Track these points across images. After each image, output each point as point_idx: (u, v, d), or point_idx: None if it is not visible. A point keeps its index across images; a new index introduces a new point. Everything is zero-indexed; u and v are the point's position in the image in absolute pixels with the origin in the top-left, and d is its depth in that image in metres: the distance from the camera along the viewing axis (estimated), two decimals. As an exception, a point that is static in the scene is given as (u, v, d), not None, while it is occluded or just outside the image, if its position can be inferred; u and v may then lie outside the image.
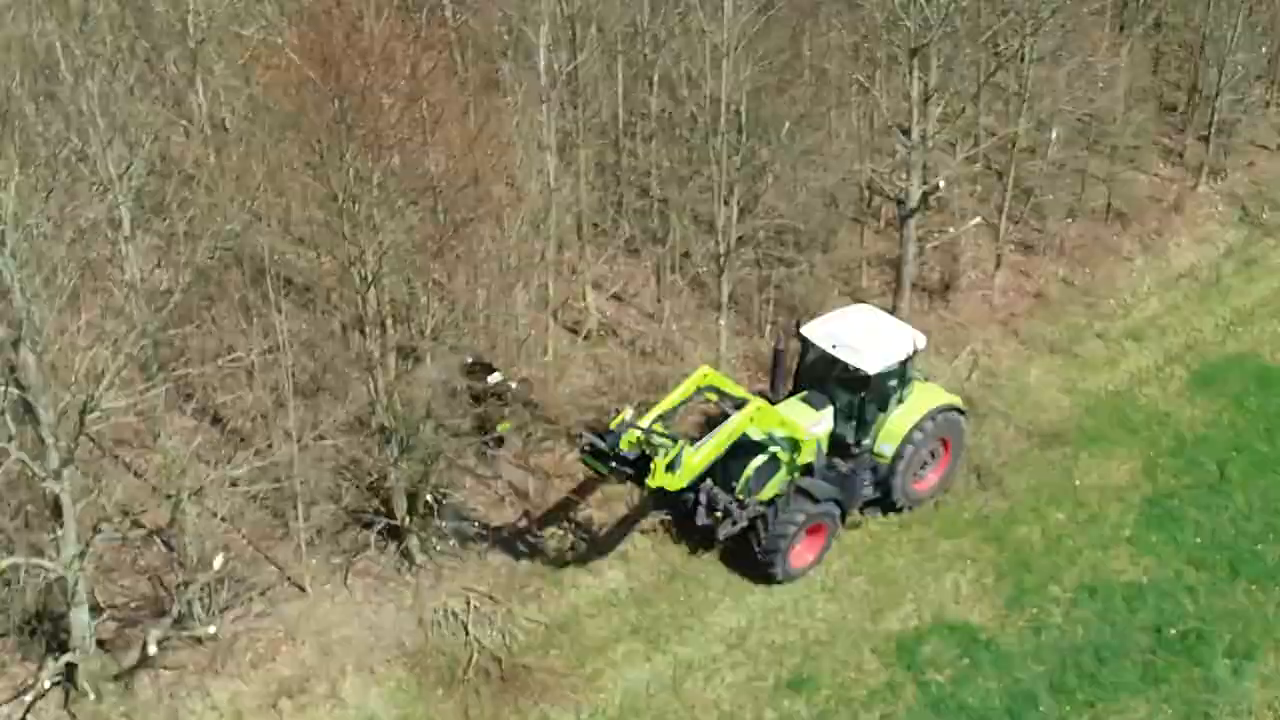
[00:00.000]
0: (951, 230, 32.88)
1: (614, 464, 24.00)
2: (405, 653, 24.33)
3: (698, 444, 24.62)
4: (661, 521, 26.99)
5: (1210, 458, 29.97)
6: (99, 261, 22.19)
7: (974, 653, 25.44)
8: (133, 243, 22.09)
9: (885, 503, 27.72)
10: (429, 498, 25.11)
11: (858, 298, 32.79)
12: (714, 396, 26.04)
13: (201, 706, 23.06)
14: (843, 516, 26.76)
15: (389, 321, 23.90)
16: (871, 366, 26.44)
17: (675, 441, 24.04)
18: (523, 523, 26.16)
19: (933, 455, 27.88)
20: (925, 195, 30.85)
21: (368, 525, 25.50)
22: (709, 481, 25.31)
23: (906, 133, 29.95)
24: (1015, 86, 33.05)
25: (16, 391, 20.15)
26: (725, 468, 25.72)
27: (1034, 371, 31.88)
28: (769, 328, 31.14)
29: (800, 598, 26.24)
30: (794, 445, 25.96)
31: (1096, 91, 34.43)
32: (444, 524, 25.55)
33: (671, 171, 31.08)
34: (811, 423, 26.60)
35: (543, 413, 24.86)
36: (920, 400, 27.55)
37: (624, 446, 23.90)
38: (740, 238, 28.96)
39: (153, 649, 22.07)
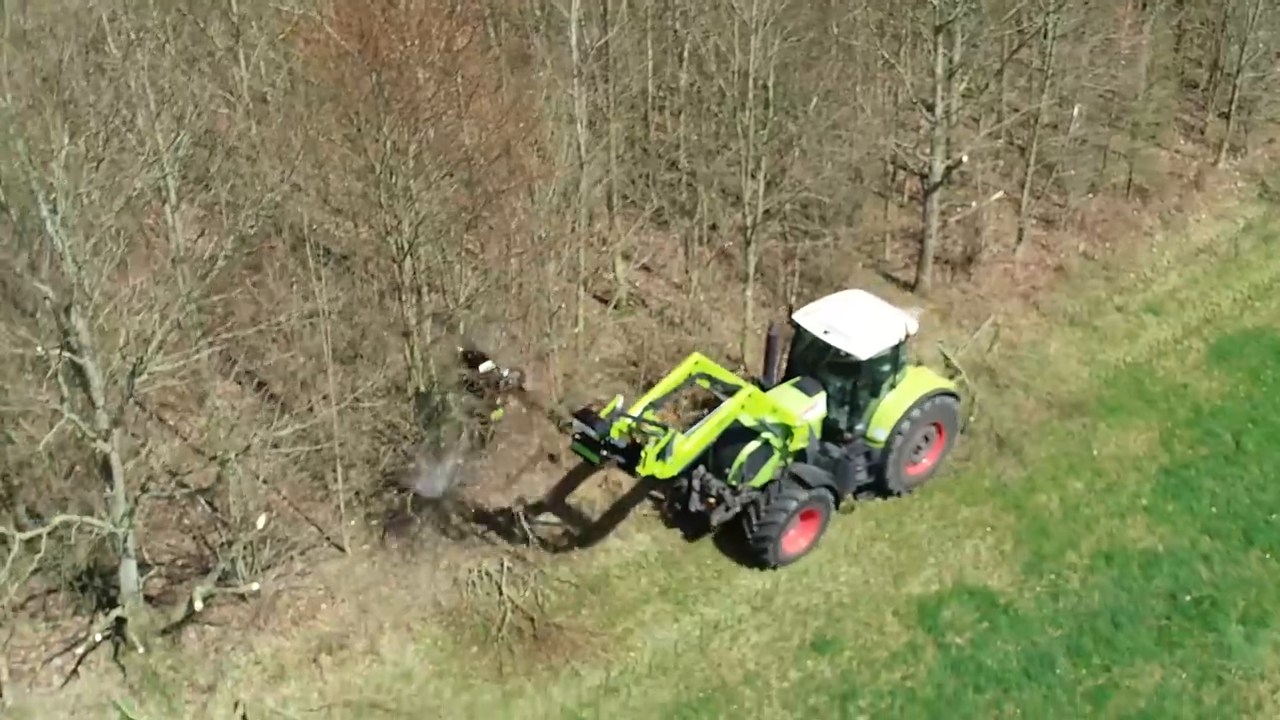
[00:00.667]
0: (974, 204, 33.11)
1: (605, 453, 23.76)
2: (441, 611, 24.83)
3: (689, 431, 24.70)
4: (656, 505, 27.15)
5: (1226, 429, 30.22)
6: (146, 230, 22.60)
7: (993, 616, 25.79)
8: (178, 212, 22.52)
9: (879, 487, 27.67)
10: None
11: (882, 270, 33.21)
12: (706, 383, 26.00)
13: (245, 660, 23.64)
14: (836, 502, 26.77)
15: (424, 290, 24.31)
16: (863, 352, 26.29)
17: (666, 430, 23.95)
18: (519, 508, 26.08)
19: (926, 440, 27.84)
20: (949, 169, 31.15)
21: (404, 489, 25.96)
22: (702, 468, 25.39)
23: (931, 108, 30.24)
24: (1038, 63, 33.16)
25: (68, 355, 20.63)
26: (718, 454, 25.76)
27: (1054, 344, 32.13)
28: (794, 299, 31.36)
29: (824, 562, 26.63)
30: (786, 431, 25.91)
31: (1118, 68, 34.58)
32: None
33: (700, 145, 31.33)
34: (804, 409, 26.53)
35: (535, 400, 24.65)
36: (913, 385, 27.43)
37: (614, 435, 23.73)
38: (767, 210, 29.25)
39: (199, 604, 22.59)
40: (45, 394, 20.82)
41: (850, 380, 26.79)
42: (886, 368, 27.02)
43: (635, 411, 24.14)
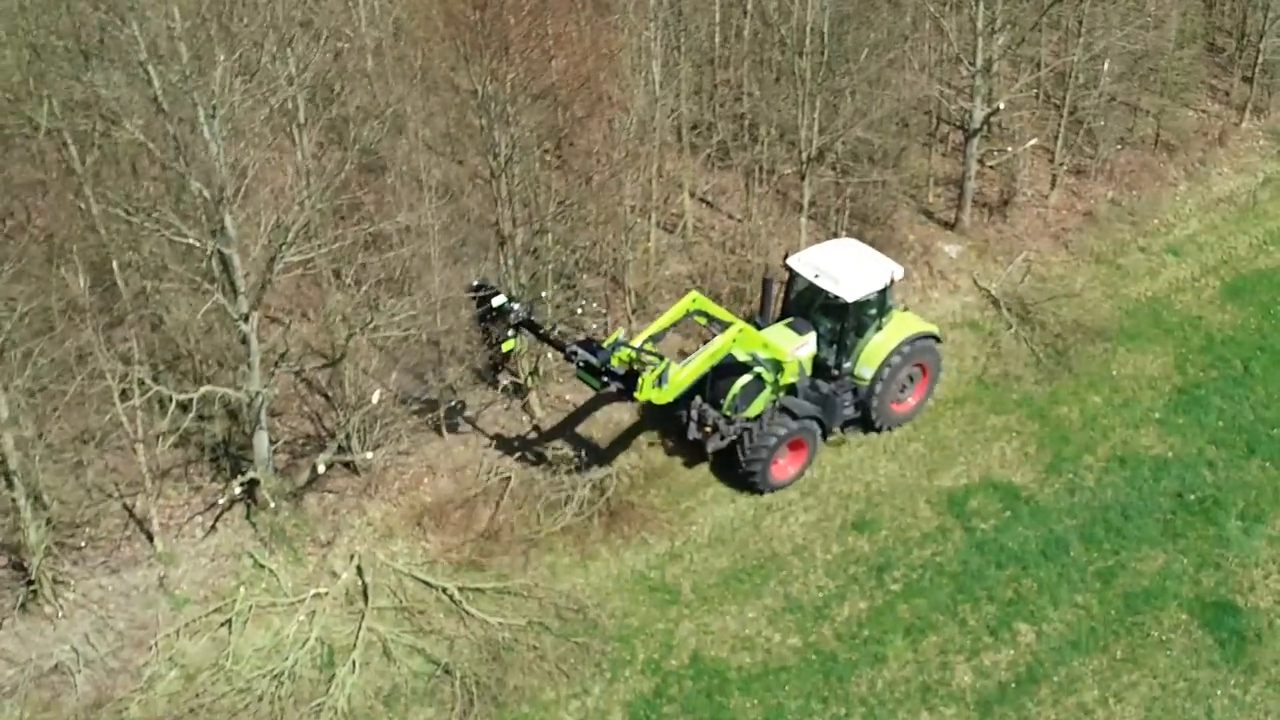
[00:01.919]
0: (1010, 149, 35.34)
1: (605, 379, 25.14)
2: (525, 487, 27.30)
3: (684, 361, 26.17)
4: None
5: (1236, 356, 32.39)
6: (281, 140, 25.38)
7: (1015, 507, 28.23)
8: (305, 130, 25.32)
9: (865, 422, 29.07)
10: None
11: (924, 210, 35.52)
12: (703, 320, 27.31)
13: (359, 522, 26.40)
14: (824, 434, 28.16)
15: (516, 203, 26.95)
16: (850, 294, 27.54)
17: (662, 359, 25.33)
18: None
19: (910, 379, 29.24)
20: (988, 116, 33.46)
21: (495, 383, 28.68)
22: (699, 399, 26.65)
23: (972, 60, 32.57)
24: (1072, 20, 35.31)
25: (216, 246, 23.48)
26: (714, 386, 27.05)
27: (1080, 279, 34.26)
28: (843, 234, 33.77)
29: (865, 457, 29.12)
30: (777, 367, 27.19)
31: (1148, 29, 36.60)
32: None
33: (761, 89, 33.72)
34: (795, 346, 27.83)
35: (548, 334, 26.19)
36: (898, 328, 28.73)
37: (615, 363, 25.06)
38: (820, 150, 31.65)
39: (321, 469, 25.42)
40: (199, 277, 23.69)
41: (838, 321, 28.14)
42: (873, 310, 28.36)
43: (636, 343, 25.58)
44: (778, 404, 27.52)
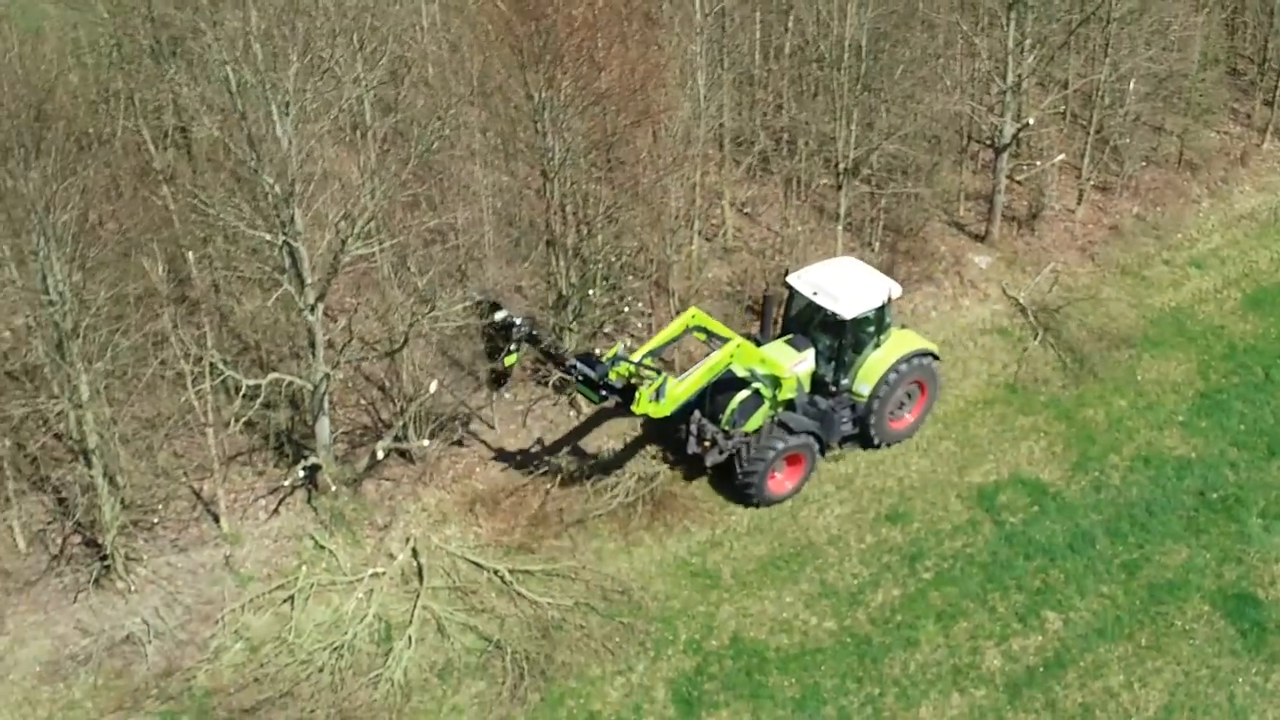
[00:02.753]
0: (1039, 164, 35.88)
1: (603, 392, 25.21)
2: (574, 478, 27.86)
3: (681, 376, 26.19)
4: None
5: (1257, 363, 32.74)
6: (345, 141, 26.18)
7: (1043, 502, 28.66)
8: (370, 129, 26.10)
9: (863, 438, 28.95)
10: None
11: (955, 223, 36.04)
12: (702, 336, 27.24)
13: (415, 508, 27.03)
14: (822, 450, 28.12)
15: (567, 205, 27.65)
16: (848, 311, 27.46)
17: (660, 373, 25.41)
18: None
19: (909, 397, 29.13)
20: (1017, 131, 34.02)
21: (543, 381, 29.32)
22: (698, 413, 26.46)
23: (1003, 76, 33.17)
24: (1099, 40, 35.88)
25: (285, 239, 24.22)
26: (713, 401, 27.07)
27: (1106, 289, 34.66)
28: (877, 244, 34.36)
29: (897, 454, 29.60)
30: (776, 382, 27.11)
31: (1172, 51, 37.14)
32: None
33: (800, 103, 34.38)
34: (793, 363, 27.74)
35: (549, 348, 26.30)
36: (896, 345, 28.61)
37: (612, 377, 25.14)
38: (856, 164, 32.25)
39: (380, 455, 26.09)
40: (268, 267, 24.46)
41: (837, 338, 28.01)
42: (871, 328, 28.26)
43: (635, 358, 25.64)
44: (776, 419, 27.40)
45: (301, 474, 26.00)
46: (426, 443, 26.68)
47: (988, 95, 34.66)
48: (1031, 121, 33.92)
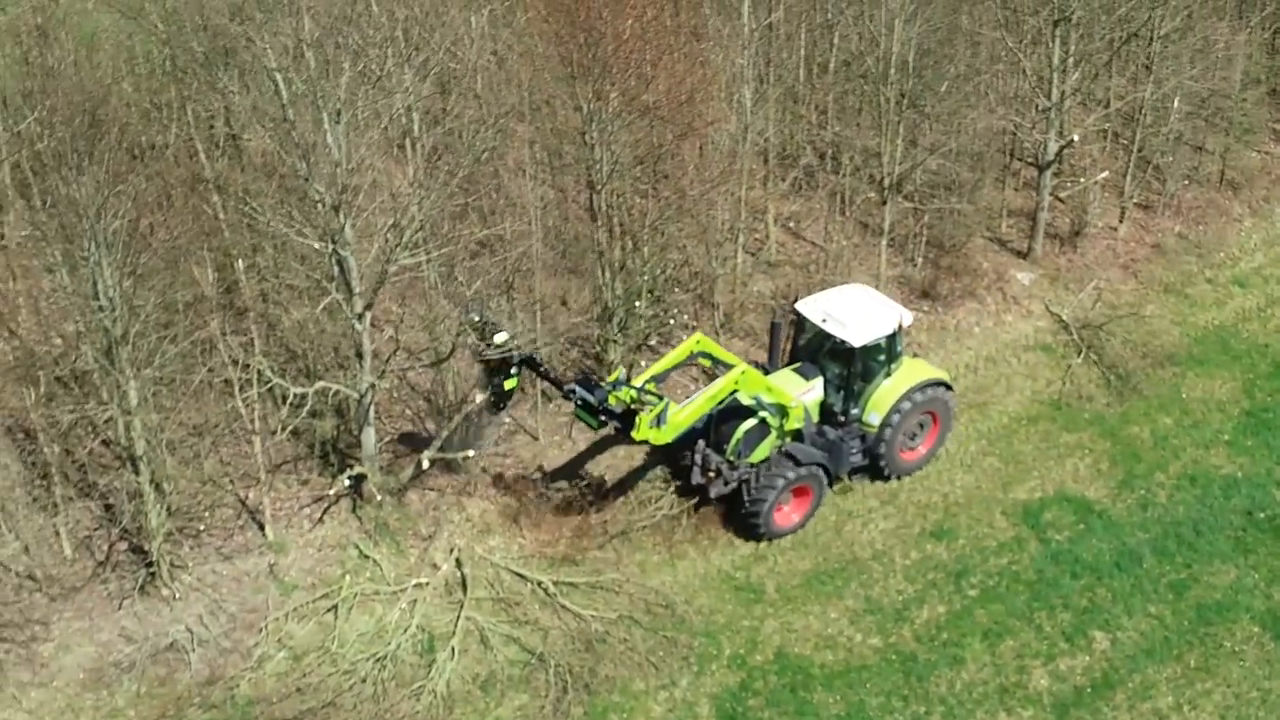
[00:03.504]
0: (1083, 180, 35.10)
1: (602, 417, 24.29)
2: (619, 491, 27.25)
3: (684, 402, 25.05)
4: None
5: (1303, 382, 31.82)
6: (396, 151, 25.66)
7: (1089, 520, 27.80)
8: (420, 140, 25.57)
9: (874, 470, 27.73)
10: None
11: (998, 239, 35.28)
12: (707, 362, 26.18)
13: (459, 518, 26.37)
14: (830, 481, 26.87)
15: (614, 218, 27.06)
16: (857, 339, 26.27)
17: (661, 399, 24.30)
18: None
19: (921, 427, 27.87)
20: (1061, 148, 33.25)
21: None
22: (702, 443, 25.47)
23: (1047, 94, 32.42)
24: (1143, 58, 35.13)
25: (334, 248, 23.70)
26: (718, 431, 25.99)
27: (1149, 307, 33.80)
28: (920, 260, 33.63)
29: (941, 470, 28.82)
30: (782, 412, 25.96)
31: (1214, 71, 36.36)
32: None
33: (844, 117, 33.72)
34: (801, 391, 26.52)
35: (548, 372, 25.42)
36: (908, 374, 27.38)
37: (612, 402, 24.16)
38: (900, 179, 31.56)
39: (426, 464, 25.47)
40: (317, 276, 23.93)
41: (846, 366, 26.81)
42: (881, 356, 27.08)
43: (638, 383, 24.62)
44: (782, 450, 26.28)
45: (346, 483, 25.43)
46: (471, 454, 26.03)
47: (1031, 113, 33.93)
48: (1076, 138, 33.17)
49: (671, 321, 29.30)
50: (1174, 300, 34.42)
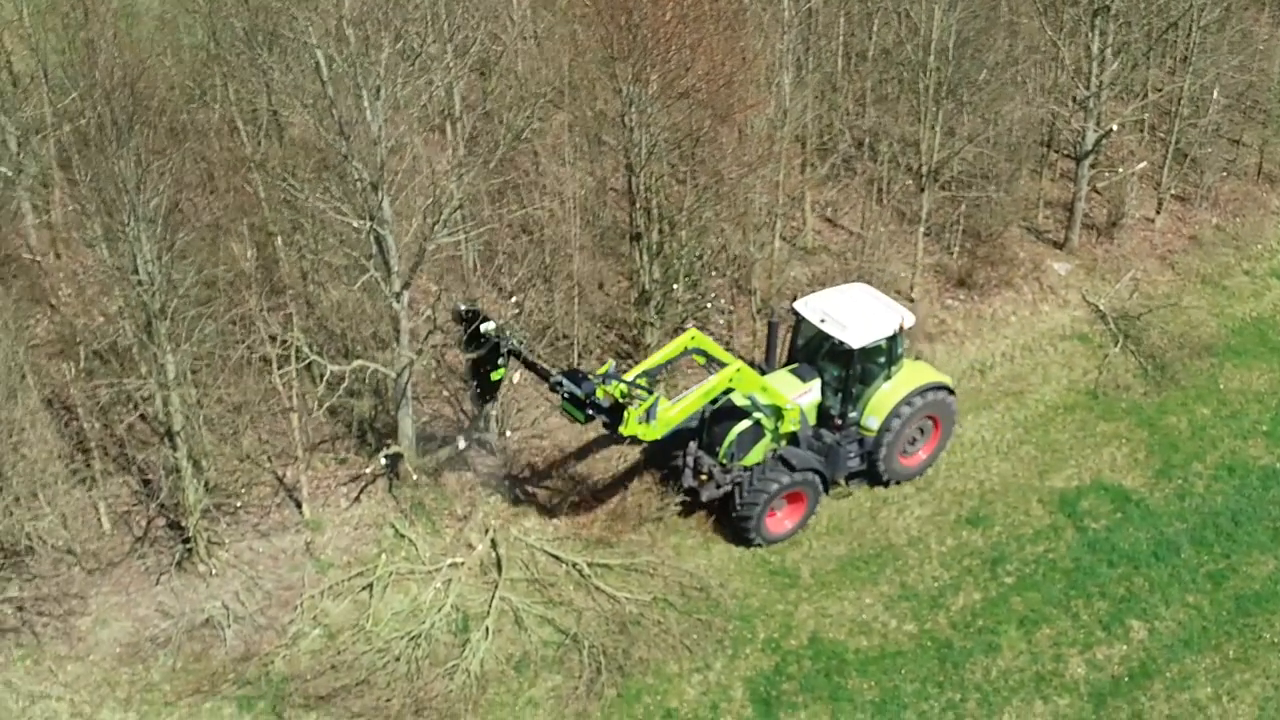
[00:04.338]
0: (1121, 170, 34.17)
1: (589, 412, 22.95)
2: (653, 475, 26.49)
3: (675, 399, 24.08)
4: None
5: (1343, 373, 30.83)
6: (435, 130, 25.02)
7: (1126, 509, 26.95)
8: (459, 120, 24.92)
9: (872, 475, 26.57)
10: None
11: (1034, 230, 34.41)
12: (701, 359, 24.92)
13: (494, 499, 25.77)
14: (826, 486, 25.66)
15: (653, 201, 26.34)
16: (855, 341, 25.08)
17: (651, 393, 23.22)
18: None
19: (922, 432, 26.66)
20: (1099, 138, 32.34)
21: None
22: (694, 445, 24.65)
23: (1086, 83, 31.51)
24: (1182, 48, 34.19)
25: (373, 226, 23.08)
26: (710, 432, 24.95)
27: (1187, 298, 32.90)
28: (956, 249, 32.82)
29: (978, 457, 28.02)
30: (777, 414, 24.84)
31: (1253, 63, 35.38)
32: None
33: (882, 105, 32.92)
34: (798, 393, 25.37)
35: (535, 364, 24.09)
36: (908, 378, 26.16)
37: (599, 395, 22.81)
38: (938, 167, 30.73)
39: (463, 445, 24.85)
40: (355, 253, 23.32)
41: (844, 368, 25.58)
42: (881, 359, 25.86)
43: (629, 377, 23.41)
44: (777, 453, 25.11)
45: (383, 463, 24.82)
46: (510, 433, 25.38)
47: (1070, 104, 33.02)
48: (1115, 127, 32.21)
49: (709, 305, 28.53)
50: (1211, 291, 33.49)
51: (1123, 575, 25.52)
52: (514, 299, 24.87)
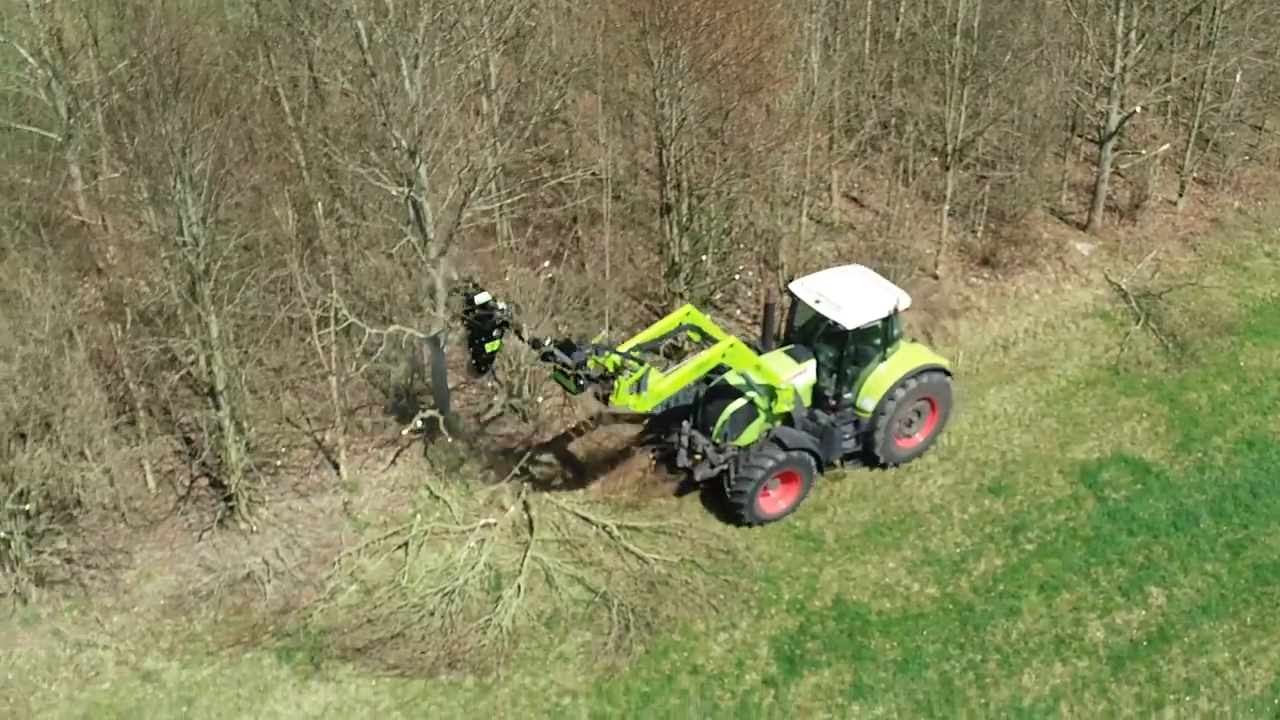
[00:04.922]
0: (1144, 152, 34.11)
1: (580, 382, 22.65)
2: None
3: (667, 371, 23.88)
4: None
5: (1362, 353, 30.71)
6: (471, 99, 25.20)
7: (1146, 480, 26.94)
8: (494, 91, 25.12)
9: (868, 456, 26.25)
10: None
11: (1057, 211, 34.39)
12: (695, 335, 24.73)
13: (527, 462, 25.98)
14: (820, 466, 25.38)
15: (683, 174, 26.48)
16: (850, 322, 24.66)
17: (642, 364, 22.98)
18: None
19: (918, 414, 26.31)
20: (1123, 120, 32.28)
21: (655, 349, 28.00)
22: (688, 424, 24.52)
23: (1111, 64, 31.47)
24: (1205, 32, 34.09)
25: (410, 193, 23.31)
26: (704, 412, 24.82)
27: (1208, 278, 32.85)
28: (980, 229, 32.84)
29: (1000, 429, 28.06)
30: (771, 393, 24.56)
31: (1276, 49, 35.19)
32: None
33: (909, 85, 32.95)
34: (792, 374, 25.05)
35: (527, 334, 23.73)
36: (904, 359, 25.82)
37: (590, 365, 22.57)
38: (963, 146, 30.75)
39: (497, 409, 25.06)
40: (393, 220, 23.57)
41: (839, 349, 25.28)
42: (876, 340, 25.50)
43: (623, 350, 23.20)
44: (771, 434, 24.80)
45: (419, 425, 25.06)
46: (541, 399, 25.57)
47: (1094, 86, 32.98)
48: (1139, 108, 32.14)
49: (736, 277, 28.64)
50: (1232, 272, 33.41)
51: (1142, 544, 25.54)
52: (546, 270, 24.96)
